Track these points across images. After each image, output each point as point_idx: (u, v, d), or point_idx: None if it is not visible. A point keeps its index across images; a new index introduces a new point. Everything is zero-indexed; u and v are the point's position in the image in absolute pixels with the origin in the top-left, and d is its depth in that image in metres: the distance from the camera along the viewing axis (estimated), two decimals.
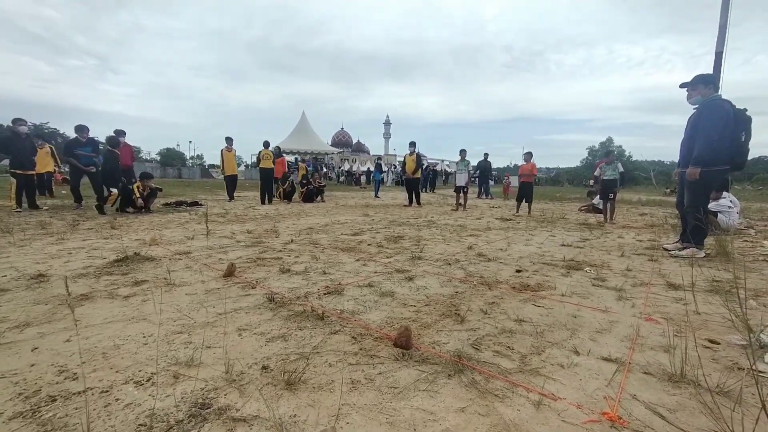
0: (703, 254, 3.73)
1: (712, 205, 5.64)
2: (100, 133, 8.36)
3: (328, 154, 30.15)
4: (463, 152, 9.71)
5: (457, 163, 10.05)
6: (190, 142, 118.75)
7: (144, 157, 73.18)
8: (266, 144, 10.24)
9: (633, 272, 3.10)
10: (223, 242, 4.15)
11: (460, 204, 9.53)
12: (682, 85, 3.84)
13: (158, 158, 73.25)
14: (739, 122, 3.51)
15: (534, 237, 5.01)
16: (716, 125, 3.41)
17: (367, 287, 2.53)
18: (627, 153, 64.54)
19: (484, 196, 15.61)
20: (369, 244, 4.15)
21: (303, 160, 27.09)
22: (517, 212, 8.37)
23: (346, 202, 11.22)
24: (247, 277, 2.73)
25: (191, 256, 3.39)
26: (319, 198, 11.30)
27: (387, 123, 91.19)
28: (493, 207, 10.66)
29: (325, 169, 31.05)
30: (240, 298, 2.25)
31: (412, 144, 10.05)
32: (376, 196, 14.22)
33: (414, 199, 10.24)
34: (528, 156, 8.91)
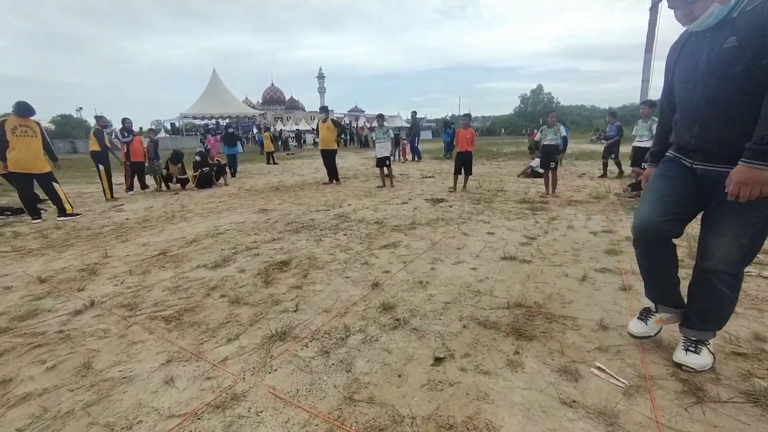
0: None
1: None
2: None
3: (249, 117, 26.69)
4: (380, 118, 8.05)
5: (375, 131, 8.37)
6: (80, 109, 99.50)
7: None
8: (100, 120, 7.86)
9: (608, 332, 2.02)
10: None
11: (387, 177, 8.12)
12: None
13: (52, 128, 60.98)
14: None
15: (468, 239, 3.85)
16: None
17: None
18: (556, 99, 67.61)
19: (417, 159, 14.47)
20: (223, 296, 2.68)
21: (267, 129, 22.89)
22: (454, 188, 7.20)
23: (254, 184, 9.32)
24: None
25: None
26: (221, 180, 9.29)
27: (321, 76, 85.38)
28: (426, 176, 9.47)
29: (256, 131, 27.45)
30: None
31: (324, 109, 8.25)
32: (226, 182, 9.38)
33: (334, 177, 8.69)
34: (466, 119, 7.60)
